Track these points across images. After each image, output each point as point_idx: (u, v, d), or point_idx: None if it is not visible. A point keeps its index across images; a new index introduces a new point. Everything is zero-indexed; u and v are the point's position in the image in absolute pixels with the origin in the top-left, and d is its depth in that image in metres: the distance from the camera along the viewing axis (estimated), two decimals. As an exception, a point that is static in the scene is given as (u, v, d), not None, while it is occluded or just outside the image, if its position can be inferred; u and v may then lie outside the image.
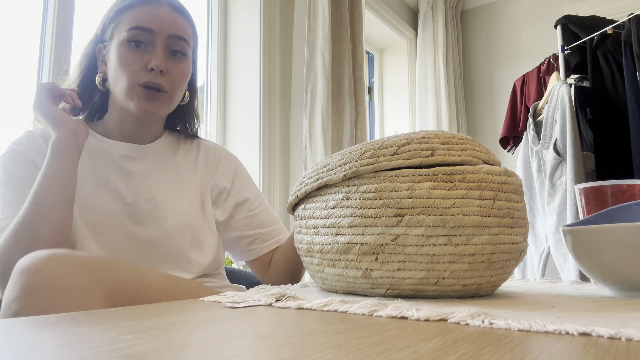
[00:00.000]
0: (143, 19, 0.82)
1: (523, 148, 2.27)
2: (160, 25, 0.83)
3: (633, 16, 1.90)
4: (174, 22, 0.85)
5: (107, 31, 0.86)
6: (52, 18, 1.33)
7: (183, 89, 0.89)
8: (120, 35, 0.83)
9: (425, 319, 0.36)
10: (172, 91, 0.85)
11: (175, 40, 0.84)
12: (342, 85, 1.93)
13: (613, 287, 0.54)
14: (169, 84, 0.84)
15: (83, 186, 0.81)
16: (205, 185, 0.94)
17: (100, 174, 0.84)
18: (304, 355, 0.25)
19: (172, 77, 0.84)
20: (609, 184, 0.67)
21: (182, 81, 0.87)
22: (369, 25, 2.74)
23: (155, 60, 0.81)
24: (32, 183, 0.75)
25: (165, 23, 0.83)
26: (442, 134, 0.53)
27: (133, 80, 0.81)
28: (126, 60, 0.82)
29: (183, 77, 0.87)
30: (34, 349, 0.27)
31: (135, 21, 0.82)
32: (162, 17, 0.84)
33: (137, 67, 0.81)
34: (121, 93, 0.83)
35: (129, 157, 0.87)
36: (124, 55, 0.82)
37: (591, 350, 0.27)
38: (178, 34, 0.85)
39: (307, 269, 0.59)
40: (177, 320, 0.36)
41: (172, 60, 0.85)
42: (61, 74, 1.11)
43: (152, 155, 0.90)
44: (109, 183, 0.84)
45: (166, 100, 0.85)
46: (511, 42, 3.08)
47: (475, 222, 0.47)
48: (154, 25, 0.82)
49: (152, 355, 0.25)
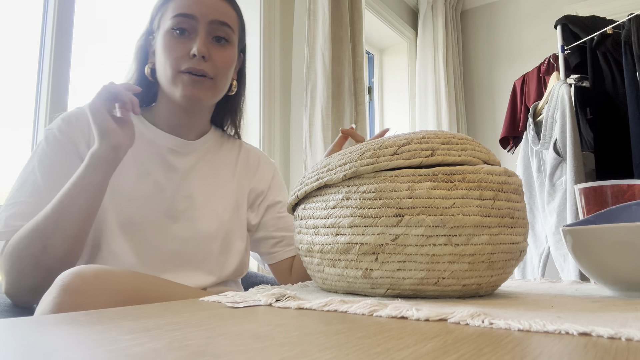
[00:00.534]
0: (185, 5, 0.81)
1: (523, 148, 2.27)
2: (202, 10, 0.82)
3: (633, 16, 1.90)
4: (216, 8, 0.83)
5: (155, 22, 0.86)
6: (52, 18, 1.33)
7: (228, 77, 0.87)
8: (165, 24, 0.82)
9: (425, 319, 0.36)
10: (216, 77, 0.83)
11: (218, 26, 0.83)
12: (342, 85, 1.93)
13: (613, 287, 0.54)
14: (213, 70, 0.82)
15: (125, 174, 0.80)
16: (243, 189, 0.93)
17: (144, 164, 0.83)
18: (304, 355, 0.25)
19: (216, 63, 0.82)
20: (609, 184, 0.67)
21: (226, 68, 0.85)
22: (369, 25, 2.74)
23: (197, 46, 0.79)
24: (68, 170, 0.74)
25: (208, 8, 0.82)
26: (442, 134, 0.53)
27: (176, 68, 0.80)
28: (169, 48, 0.81)
29: (227, 63, 0.85)
30: (34, 349, 0.27)
31: (178, 9, 0.81)
32: (205, 2, 0.82)
33: (179, 54, 0.80)
34: (166, 82, 0.82)
35: (175, 151, 0.86)
36: (168, 43, 0.81)
37: (591, 350, 0.27)
38: (221, 19, 0.83)
39: (307, 269, 0.59)
40: (177, 320, 0.36)
41: (216, 47, 0.83)
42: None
43: (196, 152, 0.89)
44: (151, 174, 0.83)
45: (210, 87, 0.83)
46: (511, 42, 3.08)
47: (475, 222, 0.47)
48: (195, 10, 0.81)
49: (152, 355, 0.25)
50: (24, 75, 1.32)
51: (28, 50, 1.32)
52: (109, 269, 0.58)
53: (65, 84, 1.33)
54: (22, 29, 1.34)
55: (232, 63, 0.86)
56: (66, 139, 0.79)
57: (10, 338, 0.30)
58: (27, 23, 1.34)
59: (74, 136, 0.79)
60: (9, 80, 1.30)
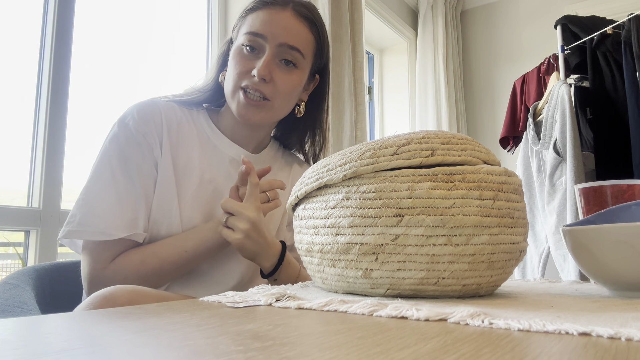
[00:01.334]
0: (258, 24, 0.80)
1: (523, 148, 2.27)
2: (273, 31, 0.80)
3: (633, 16, 1.90)
4: (290, 30, 0.81)
5: (234, 31, 0.87)
6: (52, 18, 1.33)
7: (290, 100, 0.85)
8: (239, 38, 0.83)
9: (425, 319, 0.36)
10: (274, 100, 0.81)
11: (286, 50, 0.81)
12: (342, 85, 1.93)
13: (613, 287, 0.54)
14: (272, 93, 0.80)
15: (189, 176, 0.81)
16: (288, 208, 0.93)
17: (208, 170, 0.83)
18: (304, 355, 0.25)
19: (277, 86, 0.81)
20: (608, 184, 0.67)
21: (288, 92, 0.83)
22: (369, 25, 2.74)
23: (258, 68, 0.78)
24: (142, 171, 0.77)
25: (281, 29, 0.80)
26: (442, 134, 0.53)
27: (237, 83, 0.80)
28: (236, 62, 0.81)
29: (290, 88, 0.83)
30: (34, 348, 0.27)
31: (252, 26, 0.81)
32: (278, 23, 0.80)
33: (243, 69, 0.80)
34: (227, 94, 0.83)
35: (236, 161, 0.86)
36: (236, 57, 0.82)
37: (591, 350, 0.27)
38: (290, 43, 0.81)
39: (307, 269, 0.59)
40: (177, 320, 0.36)
41: (281, 69, 0.81)
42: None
43: (257, 166, 0.88)
44: (213, 182, 0.83)
45: (266, 109, 0.81)
46: (511, 42, 3.08)
47: (475, 222, 0.47)
48: (267, 31, 0.80)
49: (152, 355, 0.25)
50: (24, 75, 1.32)
51: (28, 50, 1.32)
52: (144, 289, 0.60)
53: (65, 84, 1.33)
54: (22, 29, 1.34)
55: (296, 88, 0.84)
56: (142, 139, 0.78)
57: (11, 338, 0.30)
58: (27, 23, 1.34)
59: (150, 136, 0.79)
60: (9, 80, 1.30)
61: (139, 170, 0.77)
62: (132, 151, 0.77)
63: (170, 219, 0.78)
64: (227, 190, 0.83)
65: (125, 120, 0.79)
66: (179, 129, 0.83)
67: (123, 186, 0.75)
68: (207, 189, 0.82)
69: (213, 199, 0.82)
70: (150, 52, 1.70)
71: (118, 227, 0.73)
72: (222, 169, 0.85)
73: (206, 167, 0.83)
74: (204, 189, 0.82)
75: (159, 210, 0.78)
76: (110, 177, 0.75)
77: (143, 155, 0.78)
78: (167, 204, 0.79)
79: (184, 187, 0.80)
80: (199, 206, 0.81)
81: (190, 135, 0.84)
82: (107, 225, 0.72)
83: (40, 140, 1.28)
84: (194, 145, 0.84)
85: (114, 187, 0.75)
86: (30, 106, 1.29)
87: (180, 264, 0.75)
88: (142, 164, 0.78)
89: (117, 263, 0.74)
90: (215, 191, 0.83)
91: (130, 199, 0.76)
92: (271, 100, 0.81)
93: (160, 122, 0.81)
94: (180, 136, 0.83)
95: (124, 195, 0.75)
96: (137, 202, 0.76)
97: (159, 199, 0.78)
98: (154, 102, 0.83)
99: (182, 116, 0.85)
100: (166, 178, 0.79)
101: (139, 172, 0.77)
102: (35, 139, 1.28)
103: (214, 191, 0.83)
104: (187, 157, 0.82)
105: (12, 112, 1.30)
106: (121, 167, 0.76)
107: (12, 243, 1.28)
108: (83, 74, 1.42)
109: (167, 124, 0.81)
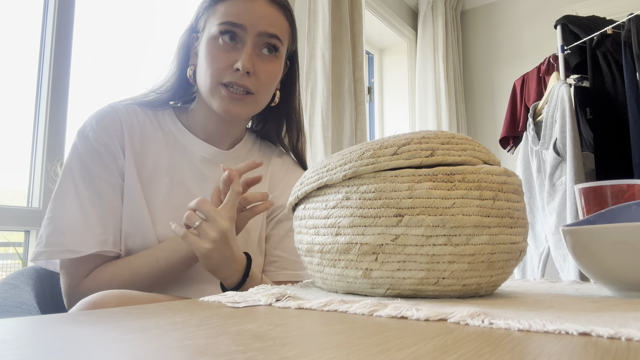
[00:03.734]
0: (235, 13, 0.76)
1: (523, 148, 2.27)
2: (252, 20, 0.76)
3: (633, 16, 1.90)
4: (267, 18, 0.78)
5: (200, 21, 0.81)
6: (52, 18, 1.33)
7: (271, 91, 0.83)
8: (212, 28, 0.77)
9: (425, 319, 0.36)
10: (258, 93, 0.79)
11: (266, 38, 0.78)
12: (342, 85, 1.93)
13: (613, 287, 0.54)
14: (256, 86, 0.78)
15: (158, 182, 0.78)
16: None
17: (177, 172, 0.80)
18: (304, 355, 0.25)
19: (260, 78, 0.78)
20: (608, 184, 0.67)
21: (271, 83, 0.81)
22: (369, 25, 2.74)
23: (242, 61, 0.75)
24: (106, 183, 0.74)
25: (259, 18, 0.77)
26: (442, 134, 0.53)
27: (217, 79, 0.76)
28: (213, 57, 0.76)
29: (272, 78, 0.80)
30: (34, 348, 0.27)
31: (227, 15, 0.76)
32: (256, 11, 0.77)
33: (223, 65, 0.76)
34: (205, 90, 0.78)
35: (208, 160, 0.83)
36: (212, 50, 0.77)
37: (591, 350, 0.27)
38: (270, 31, 0.78)
39: (307, 269, 0.59)
40: (177, 320, 0.36)
41: (262, 60, 0.78)
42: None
43: (230, 162, 0.85)
44: (184, 184, 0.80)
45: (251, 103, 0.79)
46: (511, 42, 3.08)
47: (475, 222, 0.47)
48: (245, 20, 0.76)
49: (152, 355, 0.25)
50: (24, 75, 1.32)
51: (28, 50, 1.32)
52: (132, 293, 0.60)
53: (65, 84, 1.33)
54: (22, 29, 1.34)
55: (277, 77, 0.82)
56: (104, 150, 0.75)
57: (11, 338, 0.30)
58: (27, 23, 1.34)
59: (111, 146, 0.76)
60: (9, 80, 1.30)
61: (103, 183, 0.74)
62: (93, 163, 0.74)
63: (144, 229, 0.76)
64: (199, 191, 0.80)
65: (85, 131, 0.76)
66: (143, 134, 0.80)
67: (87, 200, 0.73)
68: (178, 192, 0.79)
69: (186, 201, 0.77)
70: (151, 52, 1.70)
71: (85, 243, 0.71)
72: (193, 168, 0.81)
73: (175, 170, 0.80)
74: (175, 192, 0.79)
75: (130, 221, 0.76)
76: (74, 192, 0.73)
77: (105, 166, 0.75)
78: (138, 213, 0.76)
79: (154, 194, 0.77)
80: (172, 211, 0.77)
81: (155, 139, 0.81)
82: (73, 242, 0.70)
83: (40, 140, 1.28)
84: (161, 149, 0.80)
85: (78, 203, 0.72)
86: (30, 106, 1.29)
87: (153, 274, 0.72)
88: (105, 175, 0.75)
89: (90, 278, 0.72)
90: (188, 193, 0.79)
91: (96, 214, 0.73)
92: (255, 93, 0.78)
93: (121, 129, 0.77)
94: (145, 141, 0.80)
95: (89, 210, 0.73)
96: (104, 216, 0.74)
97: (128, 210, 0.76)
98: (113, 108, 0.79)
99: (145, 119, 0.81)
100: (133, 187, 0.76)
101: (103, 185, 0.74)
102: (35, 139, 1.29)
103: (187, 194, 0.79)
104: (153, 162, 0.79)
105: (12, 112, 1.30)
106: (84, 181, 0.74)
107: (12, 243, 1.28)
108: (83, 73, 1.42)
109: (129, 130, 0.78)
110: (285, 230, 0.88)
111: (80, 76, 1.39)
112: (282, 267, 0.86)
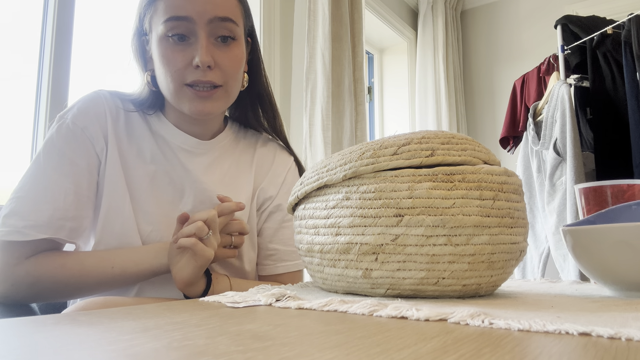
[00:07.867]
0: (177, 5, 0.70)
1: (523, 148, 2.27)
2: (197, 8, 0.70)
3: (633, 16, 1.90)
4: (213, 2, 0.71)
5: (145, 22, 0.75)
6: (52, 18, 1.33)
7: (239, 78, 0.77)
8: (158, 28, 0.72)
9: (425, 319, 0.36)
10: (226, 84, 0.74)
11: (219, 24, 0.72)
12: (342, 85, 1.93)
13: (613, 287, 0.54)
14: (222, 77, 0.73)
15: (143, 167, 0.76)
16: (255, 190, 0.85)
17: (160, 162, 0.77)
18: (304, 355, 0.25)
19: (223, 68, 0.73)
20: (609, 184, 0.67)
21: (236, 70, 0.75)
22: (369, 25, 2.74)
23: (199, 56, 0.70)
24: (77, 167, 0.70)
25: (203, 4, 0.71)
26: (442, 134, 0.53)
27: (179, 81, 0.72)
28: (168, 59, 0.71)
29: (236, 65, 0.75)
30: (34, 349, 0.27)
31: (169, 10, 0.70)
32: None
33: (180, 65, 0.71)
34: (169, 95, 0.74)
35: (188, 151, 0.79)
36: (165, 52, 0.71)
37: (591, 350, 0.27)
38: (221, 14, 0.72)
39: (307, 269, 0.59)
40: (177, 320, 0.36)
41: (221, 49, 0.73)
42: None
43: (211, 153, 0.82)
44: (168, 173, 0.77)
45: (222, 96, 0.74)
46: (511, 42, 3.08)
47: (475, 222, 0.47)
48: (189, 10, 0.70)
49: (152, 355, 0.25)
50: (24, 75, 1.32)
51: (28, 50, 1.32)
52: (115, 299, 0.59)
53: (65, 84, 1.33)
54: (22, 29, 1.34)
55: (241, 62, 0.77)
56: (80, 133, 0.72)
57: (11, 338, 0.30)
58: (27, 23, 1.34)
59: (90, 130, 0.72)
60: (9, 80, 1.30)
61: (75, 167, 0.70)
62: (68, 147, 0.71)
63: (123, 216, 0.73)
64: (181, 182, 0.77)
65: (65, 115, 0.73)
66: (128, 119, 0.77)
67: (53, 183, 0.69)
68: (163, 180, 0.77)
69: (172, 190, 0.76)
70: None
71: (38, 227, 0.67)
72: (174, 159, 0.78)
73: (158, 161, 0.77)
74: (158, 181, 0.76)
75: (109, 207, 0.73)
76: (40, 174, 0.69)
77: (80, 150, 0.71)
78: (119, 199, 0.73)
79: (137, 180, 0.75)
80: (155, 200, 0.75)
81: (140, 126, 0.78)
82: (25, 225, 0.66)
83: (40, 140, 1.28)
84: (145, 136, 0.77)
85: (42, 186, 0.69)
86: (30, 106, 1.29)
87: (104, 280, 0.68)
88: (79, 160, 0.71)
89: (34, 261, 0.67)
90: (171, 182, 0.76)
91: (60, 198, 0.69)
92: (223, 85, 0.74)
93: (104, 112, 0.74)
94: (130, 127, 0.77)
95: (51, 194, 0.68)
96: (68, 202, 0.69)
97: (108, 196, 0.73)
98: (97, 93, 0.76)
99: (130, 106, 0.78)
100: (115, 172, 0.73)
101: (75, 169, 0.70)
102: (35, 139, 1.29)
103: (170, 182, 0.77)
104: (137, 149, 0.76)
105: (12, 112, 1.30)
106: (52, 163, 0.69)
107: (12, 243, 1.28)
108: (83, 73, 1.42)
109: (113, 115, 0.75)
110: (278, 222, 0.86)
111: (80, 76, 1.39)
112: (280, 259, 0.85)
